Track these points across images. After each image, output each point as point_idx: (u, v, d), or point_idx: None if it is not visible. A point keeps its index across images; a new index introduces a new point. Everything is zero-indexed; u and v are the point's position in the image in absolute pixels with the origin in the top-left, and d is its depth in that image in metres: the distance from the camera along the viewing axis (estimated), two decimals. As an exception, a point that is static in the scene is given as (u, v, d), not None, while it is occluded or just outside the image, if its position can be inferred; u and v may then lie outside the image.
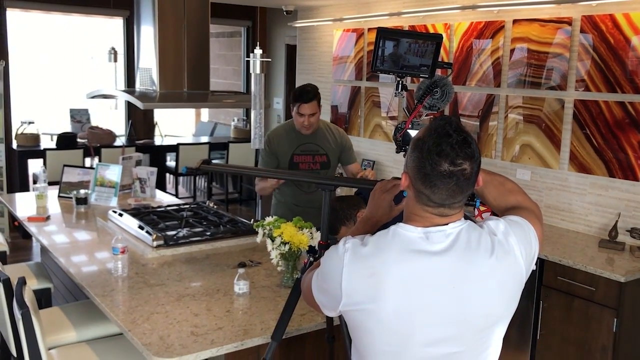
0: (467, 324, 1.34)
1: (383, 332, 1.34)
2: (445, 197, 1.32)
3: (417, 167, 1.32)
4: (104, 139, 6.79)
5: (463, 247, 1.33)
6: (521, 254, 1.38)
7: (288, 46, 7.52)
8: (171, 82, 3.27)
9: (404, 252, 1.33)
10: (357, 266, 1.34)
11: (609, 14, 3.60)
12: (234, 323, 2.25)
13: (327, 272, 1.40)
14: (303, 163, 3.45)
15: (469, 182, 1.32)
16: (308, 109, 3.31)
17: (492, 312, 1.36)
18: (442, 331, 1.33)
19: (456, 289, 1.31)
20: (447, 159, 1.29)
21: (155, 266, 2.88)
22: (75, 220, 3.78)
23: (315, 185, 1.85)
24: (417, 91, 1.73)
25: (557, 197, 3.98)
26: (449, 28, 4.66)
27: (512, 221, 1.42)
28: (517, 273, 1.38)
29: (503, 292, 1.36)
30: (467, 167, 1.30)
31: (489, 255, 1.33)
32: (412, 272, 1.31)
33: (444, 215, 1.35)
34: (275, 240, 2.56)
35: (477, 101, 4.47)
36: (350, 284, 1.34)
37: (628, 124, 3.55)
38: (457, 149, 1.29)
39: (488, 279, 1.33)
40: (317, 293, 1.46)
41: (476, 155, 1.32)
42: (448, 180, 1.29)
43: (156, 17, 3.28)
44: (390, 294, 1.31)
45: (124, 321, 2.25)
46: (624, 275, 3.05)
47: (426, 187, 1.32)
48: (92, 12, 7.10)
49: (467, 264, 1.32)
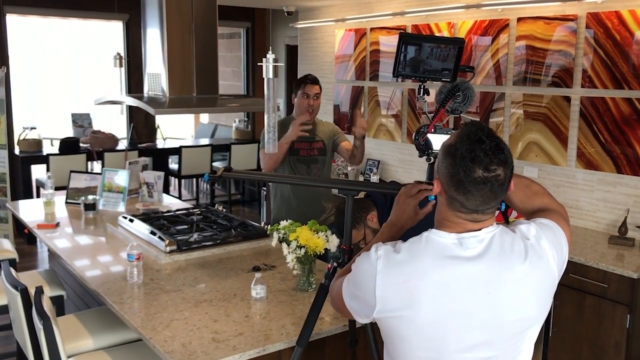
0: (501, 329, 1.35)
1: (418, 338, 1.35)
2: (479, 203, 1.32)
3: (450, 174, 1.32)
4: (107, 143, 6.78)
5: (497, 252, 1.33)
6: (553, 257, 1.39)
7: (288, 47, 7.52)
8: (180, 87, 3.26)
9: (438, 258, 1.33)
10: (391, 273, 1.35)
11: (614, 10, 3.61)
12: (254, 328, 2.25)
13: (360, 279, 1.40)
14: (303, 150, 3.62)
15: (502, 188, 1.33)
16: (312, 90, 3.57)
17: (526, 316, 1.37)
18: (477, 336, 1.34)
19: (491, 294, 1.32)
20: (481, 165, 1.29)
21: (170, 272, 2.88)
22: (84, 226, 3.78)
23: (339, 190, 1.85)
24: (439, 95, 1.74)
25: (565, 194, 3.99)
26: (452, 27, 4.67)
27: (543, 224, 1.43)
28: (549, 276, 1.38)
29: (537, 296, 1.37)
30: (500, 173, 1.30)
31: (522, 259, 1.34)
32: (446, 278, 1.32)
33: (477, 220, 1.35)
34: (291, 244, 2.56)
35: (481, 99, 4.48)
36: (384, 290, 1.35)
37: (635, 120, 3.56)
38: (491, 154, 1.29)
39: (522, 283, 1.34)
40: (348, 300, 1.46)
41: (509, 161, 1.33)
42: (482, 186, 1.30)
43: (163, 21, 3.27)
44: (425, 300, 1.31)
45: (144, 328, 2.25)
46: (635, 272, 3.07)
47: (460, 193, 1.32)
48: (91, 15, 7.09)
49: (502, 269, 1.33)
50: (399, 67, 1.69)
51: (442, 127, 1.72)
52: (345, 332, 2.26)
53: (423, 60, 1.68)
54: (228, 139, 8.12)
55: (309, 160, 3.61)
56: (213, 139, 8.54)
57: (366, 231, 2.67)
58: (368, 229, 2.65)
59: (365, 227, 2.66)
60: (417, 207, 1.64)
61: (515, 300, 1.34)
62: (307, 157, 3.61)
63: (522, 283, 1.34)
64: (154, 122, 7.75)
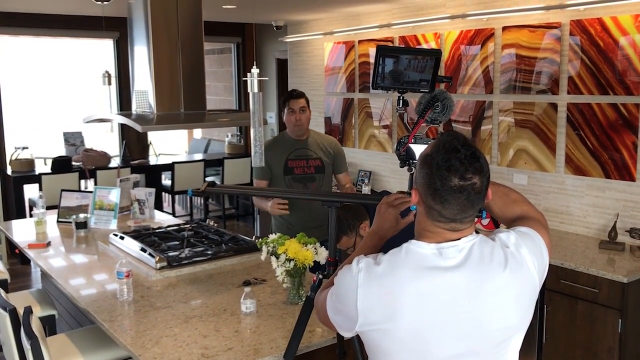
0: (483, 338, 1.35)
1: (400, 350, 1.35)
2: (456, 212, 1.32)
3: (427, 184, 1.33)
4: (99, 161, 6.78)
5: (477, 262, 1.33)
6: (533, 264, 1.39)
7: (278, 60, 7.56)
8: (167, 104, 3.27)
9: (417, 269, 1.33)
10: (372, 286, 1.35)
11: (597, 17, 3.65)
12: (243, 343, 2.25)
13: (342, 292, 1.41)
14: (298, 168, 3.56)
15: (479, 196, 1.33)
16: (297, 104, 3.52)
17: (509, 325, 1.37)
18: (459, 346, 1.34)
19: (471, 303, 1.32)
20: (457, 173, 1.29)
21: (160, 288, 2.88)
22: (76, 244, 3.77)
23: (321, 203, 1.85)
24: (418, 106, 1.75)
25: (554, 201, 4.00)
26: (439, 37, 4.70)
27: (523, 233, 1.43)
28: (530, 284, 1.38)
29: (518, 304, 1.37)
30: (477, 181, 1.31)
31: (502, 268, 1.34)
32: (427, 289, 1.32)
33: (456, 230, 1.36)
34: (280, 257, 2.56)
35: (470, 108, 4.51)
36: (365, 303, 1.35)
37: (621, 125, 3.59)
38: (467, 163, 1.30)
39: (503, 292, 1.34)
40: (332, 314, 1.46)
41: (485, 169, 1.34)
42: (459, 195, 1.30)
43: (150, 38, 3.29)
44: (406, 312, 1.31)
45: (133, 346, 2.24)
46: (626, 276, 3.07)
47: (437, 202, 1.32)
48: (81, 34, 7.11)
49: (482, 278, 1.33)
50: (378, 79, 1.71)
51: (422, 137, 1.73)
52: (335, 344, 2.26)
53: (401, 72, 1.69)
54: (221, 153, 8.13)
55: (305, 178, 3.55)
56: (206, 154, 8.55)
57: (357, 239, 2.69)
58: (359, 237, 2.67)
59: (357, 235, 2.68)
60: (398, 216, 1.64)
61: (497, 309, 1.34)
62: (303, 175, 3.55)
63: (503, 291, 1.34)
64: (146, 138, 7.76)
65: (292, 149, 3.57)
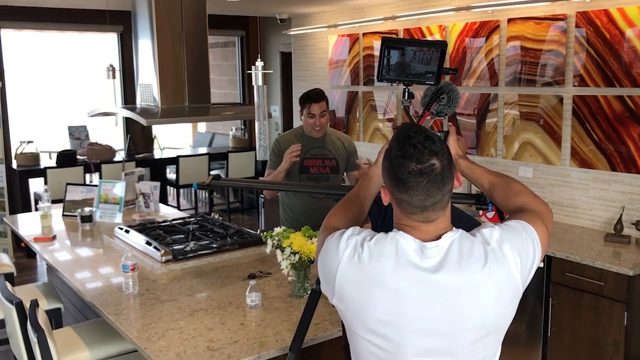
0: (460, 336, 1.34)
1: (372, 336, 1.37)
2: (423, 198, 1.32)
3: (390, 176, 1.36)
4: (104, 154, 6.79)
5: (455, 259, 1.32)
6: (516, 262, 1.35)
7: (282, 54, 7.54)
8: (172, 97, 3.28)
9: (399, 261, 1.33)
10: (353, 268, 1.36)
11: (603, 9, 3.62)
12: (249, 336, 2.26)
13: (326, 261, 1.43)
14: (314, 167, 3.48)
15: (442, 178, 1.32)
16: (318, 109, 3.41)
17: (486, 323, 1.35)
18: (435, 342, 1.34)
19: (448, 300, 1.31)
20: (413, 158, 1.31)
21: (165, 281, 2.88)
22: (81, 238, 3.78)
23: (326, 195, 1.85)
24: (424, 98, 1.74)
25: (560, 193, 3.99)
26: (444, 30, 4.68)
27: (509, 227, 1.40)
28: (511, 283, 1.35)
29: (497, 302, 1.34)
30: (435, 162, 1.32)
31: (481, 266, 1.32)
32: (403, 285, 1.32)
33: (430, 220, 1.35)
34: (285, 250, 2.57)
35: (474, 100, 4.49)
36: (342, 283, 1.37)
37: (628, 118, 3.57)
38: (420, 147, 1.32)
39: (481, 289, 1.32)
40: (320, 265, 1.47)
41: (441, 151, 1.33)
42: (420, 178, 1.31)
43: (154, 32, 3.29)
44: (380, 301, 1.33)
45: (139, 339, 2.25)
46: (632, 269, 3.06)
47: (402, 192, 1.33)
48: (85, 28, 7.11)
49: (460, 276, 1.31)
50: (383, 72, 1.70)
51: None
52: (340, 337, 2.26)
53: (406, 64, 1.69)
54: (225, 147, 8.13)
55: (320, 178, 3.47)
56: (210, 147, 8.55)
57: None
58: None
59: None
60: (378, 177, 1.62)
61: (474, 306, 1.32)
62: (318, 175, 3.47)
63: (481, 289, 1.32)
64: (151, 132, 7.77)
65: (309, 147, 3.46)
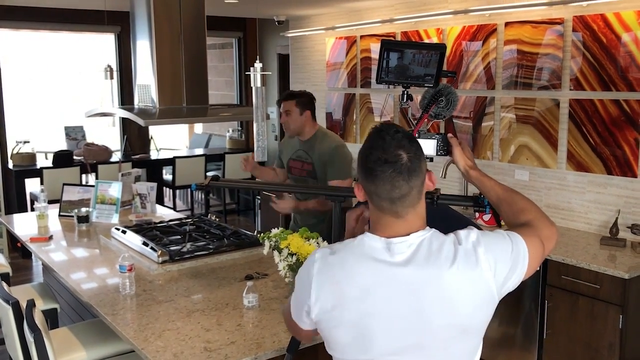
0: (428, 334, 1.34)
1: (347, 342, 1.37)
2: (389, 188, 1.33)
3: (360, 167, 1.39)
4: (100, 155, 6.78)
5: (424, 256, 1.33)
6: (490, 267, 1.34)
7: (280, 55, 7.55)
8: (170, 98, 3.28)
9: (364, 261, 1.36)
10: (325, 275, 1.38)
11: (599, 13, 3.64)
12: (246, 337, 2.26)
13: (300, 284, 1.45)
14: (294, 168, 3.59)
15: (408, 170, 1.33)
16: (282, 106, 3.50)
17: (456, 322, 1.34)
18: (406, 339, 1.34)
19: (417, 297, 1.32)
20: (380, 148, 1.35)
21: (162, 282, 2.88)
22: (78, 238, 3.78)
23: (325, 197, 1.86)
24: (422, 100, 1.75)
25: (556, 197, 4.01)
26: (441, 33, 4.70)
27: (493, 233, 1.40)
28: (482, 285, 1.34)
29: (467, 302, 1.34)
30: (402, 154, 1.33)
31: (449, 264, 1.32)
32: (371, 281, 1.34)
33: (400, 216, 1.36)
34: (283, 251, 2.57)
35: (471, 103, 4.50)
36: (318, 294, 1.38)
37: (624, 122, 3.58)
38: (389, 139, 1.35)
39: (449, 288, 1.32)
40: (294, 309, 1.50)
41: (409, 146, 1.35)
42: (385, 167, 1.33)
43: (152, 33, 3.29)
44: (350, 301, 1.34)
45: (136, 339, 2.25)
46: (627, 272, 3.08)
47: (370, 182, 1.36)
48: (83, 29, 7.10)
49: (427, 274, 1.32)
50: (382, 74, 1.71)
51: (426, 132, 1.74)
52: (337, 338, 2.26)
53: (406, 67, 1.69)
54: (222, 148, 8.13)
55: (300, 180, 3.57)
56: (207, 148, 8.55)
57: None
58: None
59: None
60: None
61: (442, 304, 1.33)
62: (298, 177, 3.57)
63: (449, 287, 1.32)
64: (148, 133, 7.76)
65: (296, 149, 3.57)
